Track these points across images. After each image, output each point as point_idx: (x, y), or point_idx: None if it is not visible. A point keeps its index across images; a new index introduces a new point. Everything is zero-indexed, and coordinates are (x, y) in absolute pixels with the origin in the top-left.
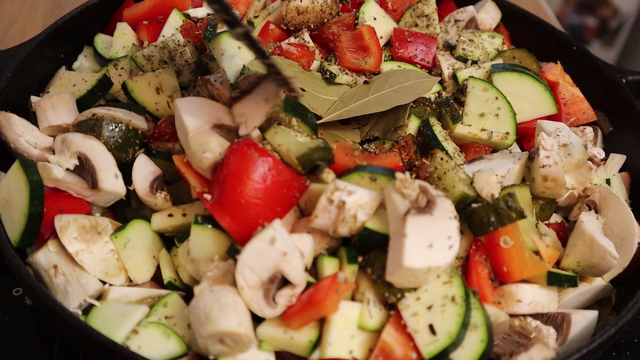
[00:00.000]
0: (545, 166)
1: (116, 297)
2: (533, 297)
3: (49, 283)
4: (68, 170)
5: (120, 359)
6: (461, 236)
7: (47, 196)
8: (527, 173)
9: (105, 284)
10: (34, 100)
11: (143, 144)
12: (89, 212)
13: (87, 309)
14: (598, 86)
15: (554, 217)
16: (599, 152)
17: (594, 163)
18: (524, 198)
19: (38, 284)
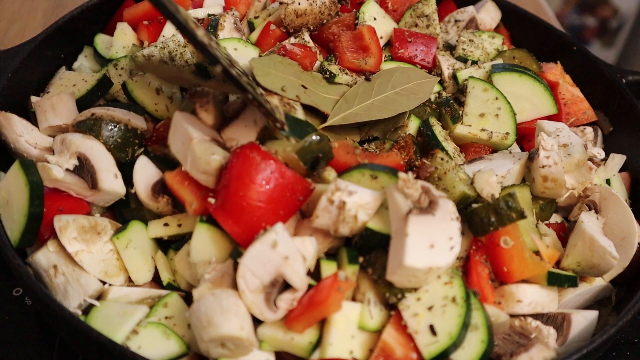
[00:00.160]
0: (545, 166)
1: (116, 297)
2: (533, 297)
3: (49, 283)
4: (68, 170)
5: (120, 359)
6: (461, 236)
7: (47, 196)
8: (527, 173)
9: (105, 284)
10: (34, 100)
11: (142, 144)
12: (89, 212)
13: (87, 309)
14: (598, 86)
15: (554, 217)
16: (599, 152)
17: (594, 163)
18: (524, 198)
19: (38, 284)
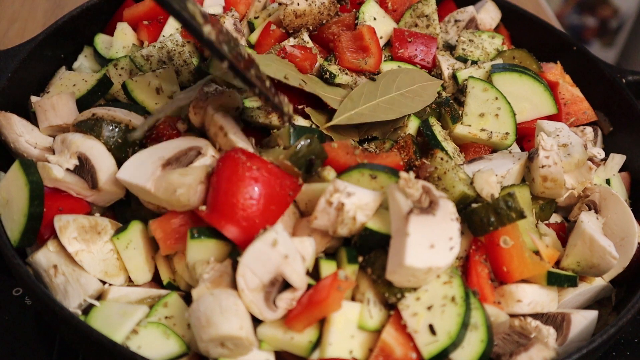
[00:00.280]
0: (544, 166)
1: (116, 297)
2: (533, 297)
3: (49, 283)
4: (68, 170)
5: (120, 359)
6: (461, 236)
7: (47, 196)
8: (527, 173)
9: (105, 284)
10: (34, 100)
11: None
12: (89, 212)
13: (87, 309)
14: (598, 86)
15: (554, 217)
16: (599, 152)
17: (594, 163)
18: (524, 198)
19: (38, 284)
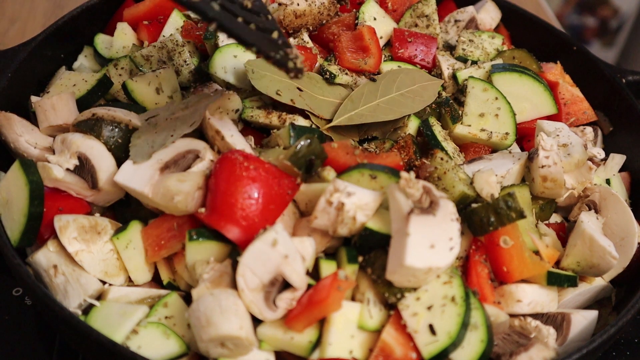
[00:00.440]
0: (544, 166)
1: (116, 297)
2: (533, 297)
3: (49, 283)
4: (68, 170)
5: (120, 359)
6: (461, 236)
7: (47, 196)
8: (527, 173)
9: (105, 284)
10: (34, 100)
11: None
12: (89, 212)
13: (87, 309)
14: (598, 86)
15: (554, 217)
16: (599, 152)
17: (594, 163)
18: (524, 198)
19: (38, 284)
